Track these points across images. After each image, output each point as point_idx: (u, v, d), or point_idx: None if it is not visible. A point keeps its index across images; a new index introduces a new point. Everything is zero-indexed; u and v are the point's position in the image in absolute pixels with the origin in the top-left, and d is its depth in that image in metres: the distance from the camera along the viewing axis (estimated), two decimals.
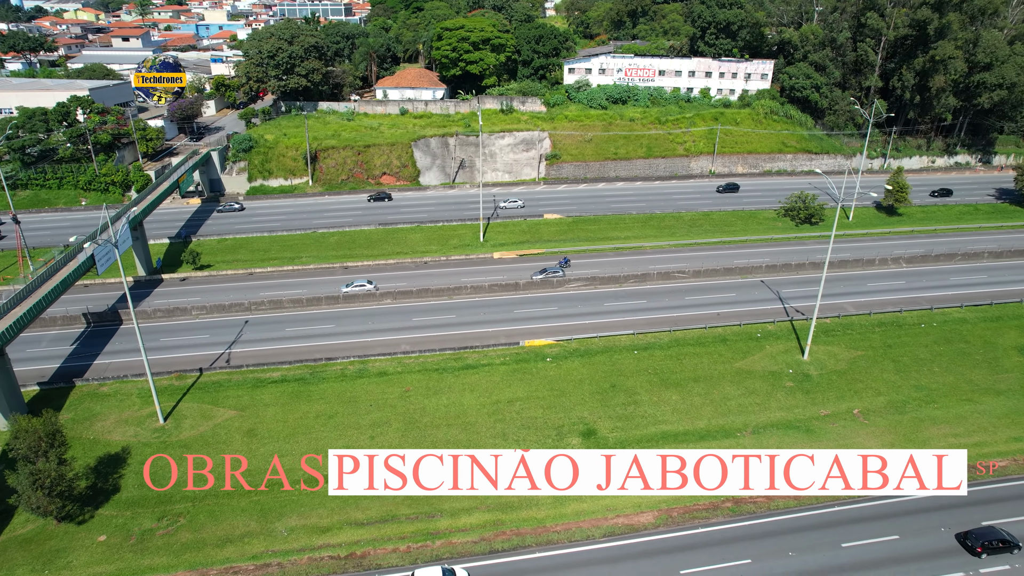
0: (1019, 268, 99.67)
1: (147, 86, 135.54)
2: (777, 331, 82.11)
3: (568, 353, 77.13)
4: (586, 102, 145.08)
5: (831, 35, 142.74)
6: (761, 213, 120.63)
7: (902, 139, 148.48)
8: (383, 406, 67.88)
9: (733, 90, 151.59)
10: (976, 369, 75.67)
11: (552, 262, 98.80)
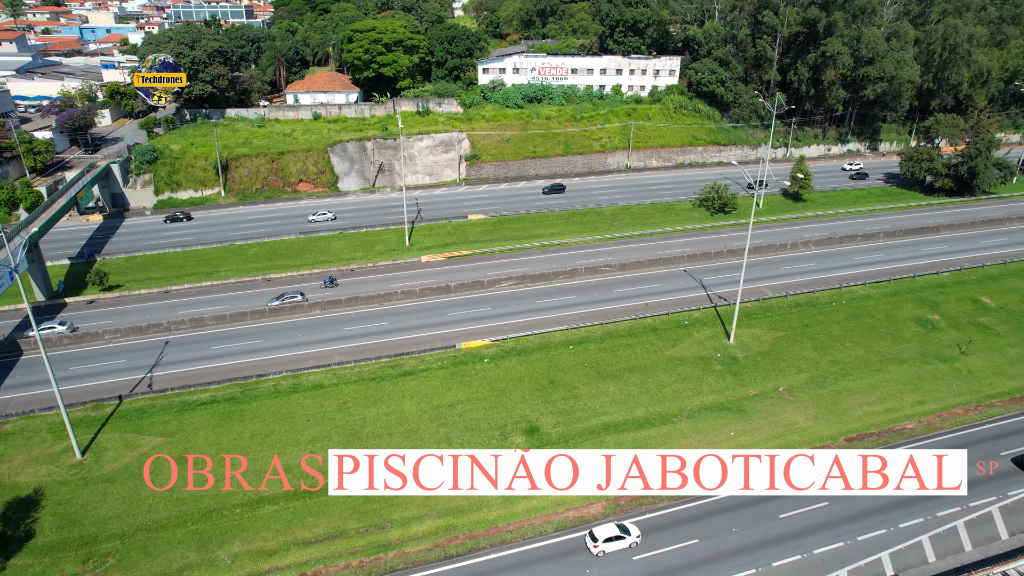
0: (910, 246, 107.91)
1: (147, 86, 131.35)
2: (703, 318, 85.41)
3: (505, 352, 77.44)
4: (502, 102, 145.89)
5: (732, 32, 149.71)
6: (678, 205, 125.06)
7: (801, 129, 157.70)
8: (321, 420, 65.99)
9: (643, 86, 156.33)
10: (882, 341, 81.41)
11: (473, 264, 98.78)
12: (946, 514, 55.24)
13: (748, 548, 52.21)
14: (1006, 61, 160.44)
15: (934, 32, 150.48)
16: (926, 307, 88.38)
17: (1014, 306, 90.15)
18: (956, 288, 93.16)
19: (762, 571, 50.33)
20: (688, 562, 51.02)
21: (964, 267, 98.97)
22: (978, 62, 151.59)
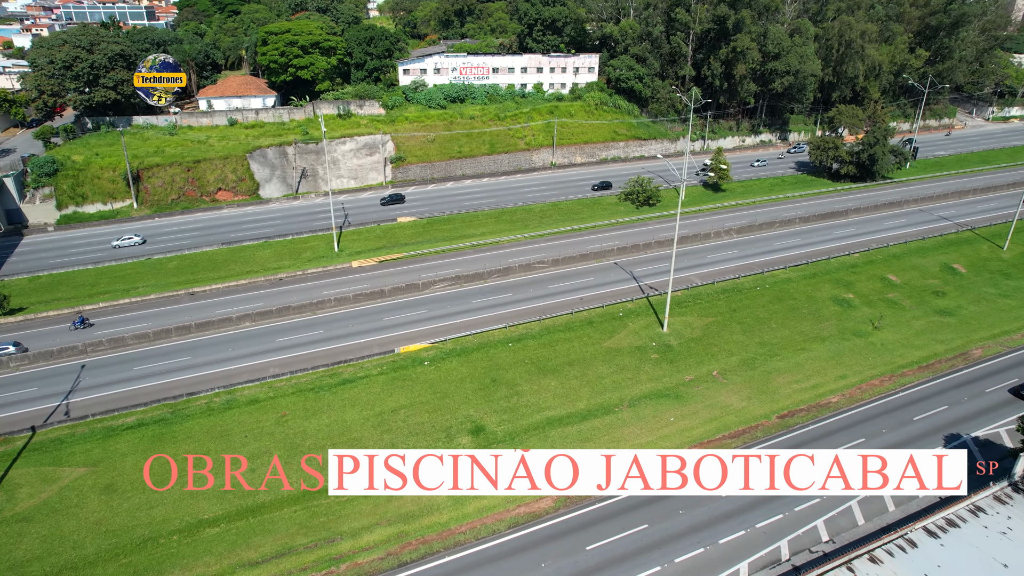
0: (824, 230, 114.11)
1: (147, 86, 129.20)
2: (636, 308, 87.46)
3: (445, 354, 76.93)
4: (425, 102, 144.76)
5: (647, 29, 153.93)
6: (604, 199, 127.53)
7: (716, 122, 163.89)
8: (260, 435, 63.64)
9: (564, 84, 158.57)
10: (804, 321, 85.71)
11: (406, 267, 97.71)
12: None
13: (696, 528, 54.00)
14: (894, 56, 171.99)
15: (831, 28, 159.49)
16: (841, 287, 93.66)
17: (916, 282, 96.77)
18: (866, 268, 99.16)
19: (709, 549, 52.13)
20: (639, 547, 52.19)
21: (871, 248, 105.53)
22: (870, 56, 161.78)
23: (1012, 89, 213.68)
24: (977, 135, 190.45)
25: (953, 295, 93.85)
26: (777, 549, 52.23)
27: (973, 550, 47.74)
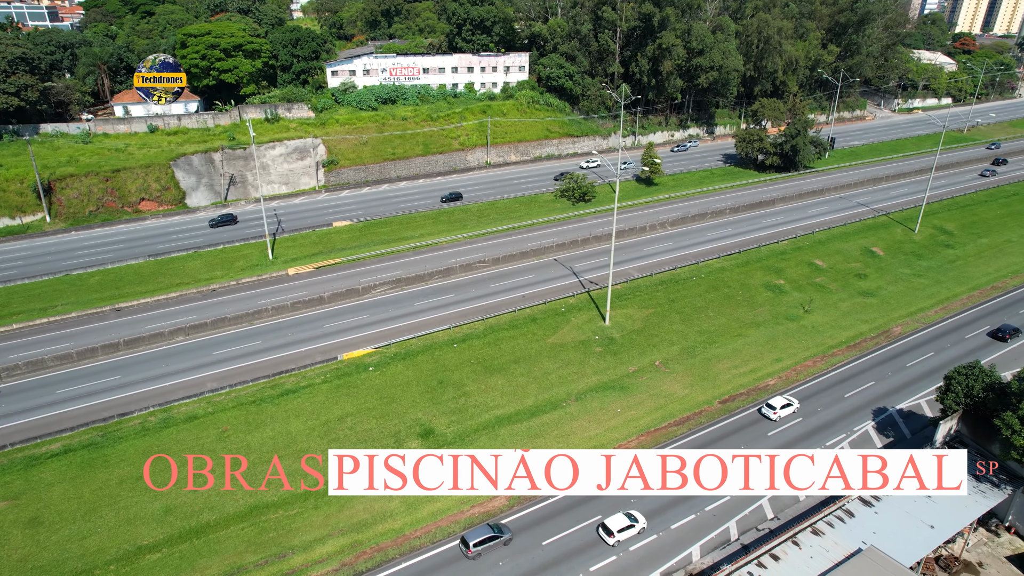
0: (753, 219, 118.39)
1: (147, 86, 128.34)
2: (578, 303, 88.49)
3: (389, 358, 75.86)
4: (355, 104, 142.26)
5: (575, 27, 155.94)
6: (540, 197, 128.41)
7: (646, 118, 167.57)
8: (200, 452, 61.10)
9: (496, 83, 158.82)
10: (739, 308, 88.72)
11: (345, 272, 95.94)
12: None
13: (648, 516, 55.07)
14: (808, 51, 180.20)
15: (750, 25, 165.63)
16: (772, 273, 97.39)
17: (840, 266, 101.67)
18: (794, 254, 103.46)
19: (661, 535, 53.30)
20: (595, 539, 52.85)
21: (798, 235, 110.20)
22: (787, 52, 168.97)
23: (914, 82, 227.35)
24: (885, 125, 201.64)
25: (874, 277, 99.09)
26: (726, 530, 53.90)
27: (903, 515, 50.62)
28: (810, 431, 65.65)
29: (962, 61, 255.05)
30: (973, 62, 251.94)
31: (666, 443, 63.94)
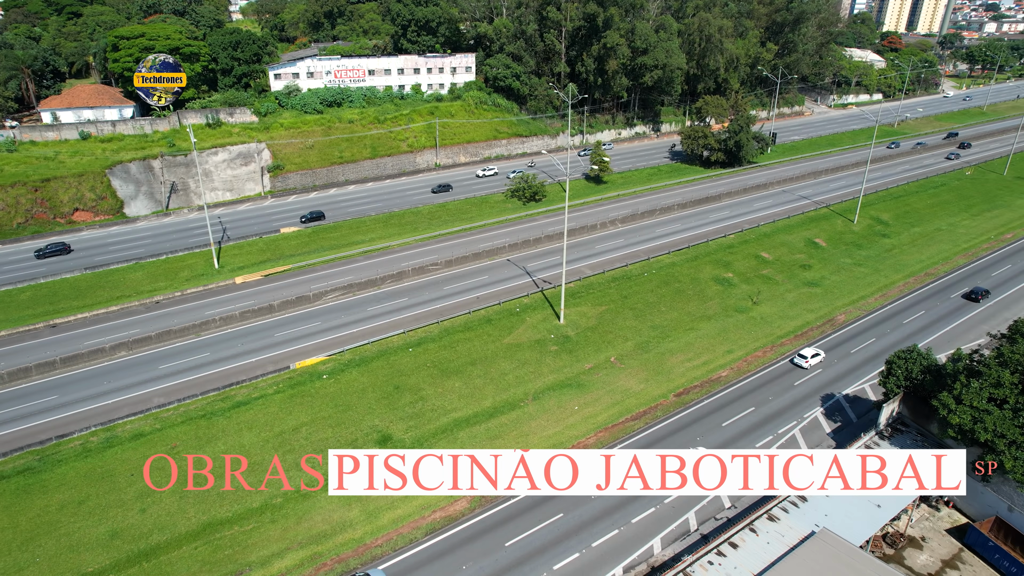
0: (701, 214, 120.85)
1: (147, 86, 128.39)
2: (532, 303, 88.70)
3: (344, 365, 74.60)
4: (300, 108, 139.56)
5: (521, 28, 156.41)
6: (491, 197, 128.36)
7: (593, 116, 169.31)
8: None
9: (443, 84, 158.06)
10: (690, 302, 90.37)
11: (295, 279, 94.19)
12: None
13: (608, 511, 55.54)
14: (748, 49, 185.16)
15: (692, 24, 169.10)
16: (721, 267, 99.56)
17: (786, 258, 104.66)
18: (741, 247, 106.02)
19: (623, 529, 53.81)
20: (557, 537, 53.01)
21: (744, 228, 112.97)
22: (728, 50, 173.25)
23: (847, 79, 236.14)
24: (823, 121, 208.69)
25: (817, 267, 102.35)
26: (686, 521, 54.77)
27: (852, 496, 52.30)
28: (763, 420, 67.32)
29: (890, 59, 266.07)
30: (900, 59, 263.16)
31: (624, 438, 64.62)
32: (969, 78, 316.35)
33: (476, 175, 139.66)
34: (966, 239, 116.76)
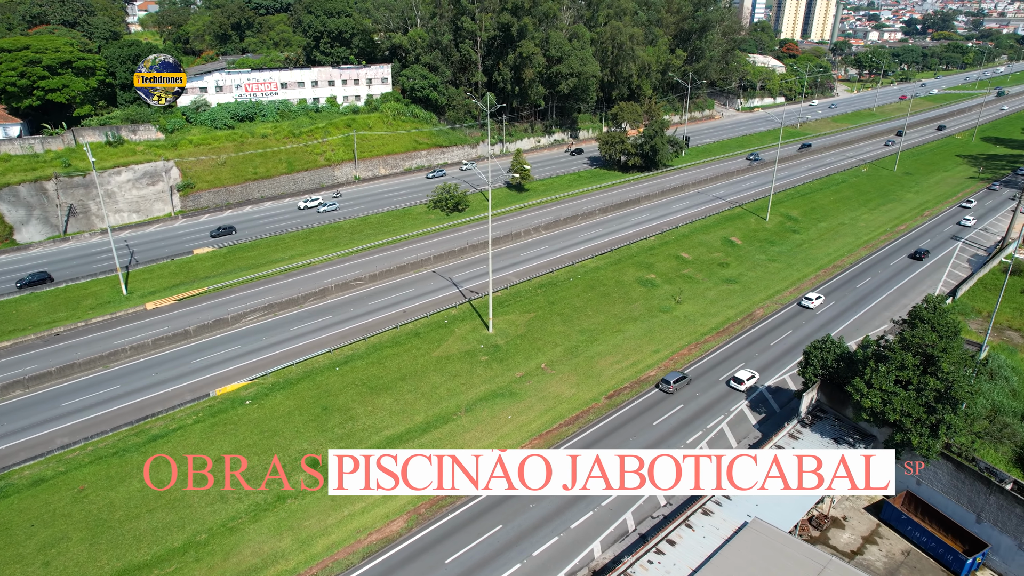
0: (622, 218, 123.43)
1: (147, 86, 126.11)
2: (460, 314, 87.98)
3: (267, 389, 71.60)
4: (210, 123, 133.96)
5: (436, 38, 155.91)
6: (414, 209, 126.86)
7: (512, 125, 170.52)
8: (52, 519, 54.41)
9: (359, 96, 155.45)
10: (616, 305, 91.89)
11: (211, 302, 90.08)
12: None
13: (547, 518, 55.39)
14: (659, 56, 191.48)
15: (604, 33, 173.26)
16: (643, 269, 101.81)
17: (704, 257, 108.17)
18: (662, 248, 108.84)
19: (563, 536, 53.77)
20: (497, 549, 52.40)
21: (664, 230, 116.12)
22: (640, 57, 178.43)
23: (752, 84, 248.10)
24: (732, 123, 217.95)
25: (734, 265, 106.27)
26: (624, 522, 55.27)
27: None
28: (693, 415, 69.01)
29: (789, 64, 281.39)
30: (798, 65, 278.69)
31: (558, 444, 64.79)
32: (859, 82, 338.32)
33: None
34: (866, 232, 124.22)
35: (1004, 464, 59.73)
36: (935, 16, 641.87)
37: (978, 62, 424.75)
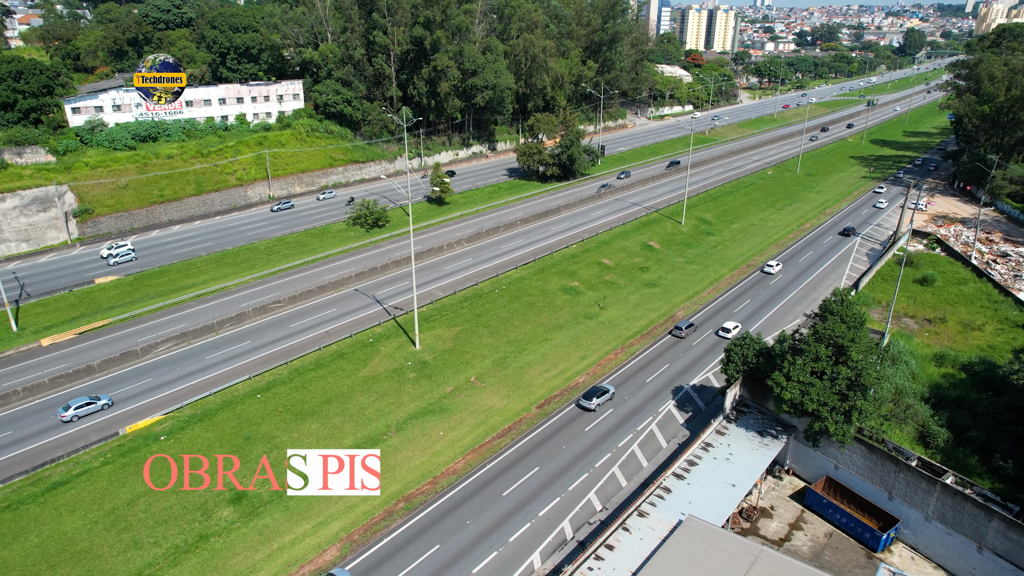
0: (543, 227, 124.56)
1: (147, 86, 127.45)
2: (385, 331, 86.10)
3: (184, 423, 67.59)
4: (108, 144, 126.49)
5: (348, 53, 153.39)
6: (332, 227, 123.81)
7: (429, 139, 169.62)
8: None
9: (270, 113, 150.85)
10: (542, 314, 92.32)
11: (117, 333, 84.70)
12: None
13: (485, 534, 54.56)
14: (571, 68, 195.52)
15: (517, 46, 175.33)
16: (567, 277, 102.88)
17: (625, 262, 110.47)
18: (584, 256, 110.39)
19: (502, 550, 53.09)
20: (435, 571, 51.14)
21: (585, 237, 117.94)
22: (553, 69, 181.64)
23: (661, 93, 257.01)
24: (644, 132, 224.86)
25: (654, 269, 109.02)
26: (562, 530, 55.13)
27: (709, 480, 55.53)
28: (622, 419, 69.86)
29: (695, 73, 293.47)
30: (704, 74, 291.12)
31: (492, 457, 64.12)
32: (760, 89, 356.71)
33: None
34: (775, 231, 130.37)
35: (909, 443, 63.51)
36: (822, 29, 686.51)
37: (862, 71, 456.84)
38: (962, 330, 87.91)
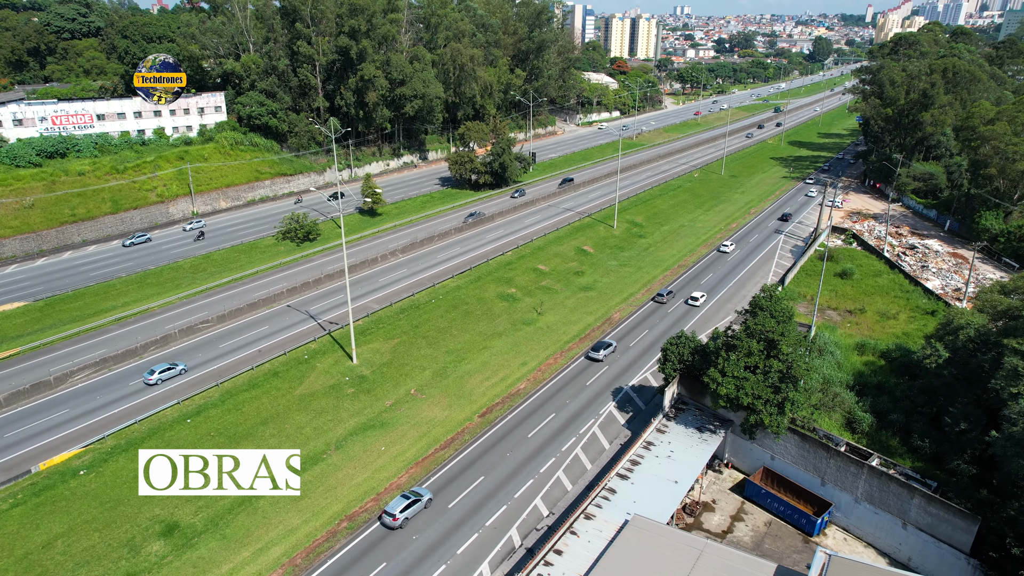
0: (478, 235, 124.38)
1: (147, 86, 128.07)
2: (320, 347, 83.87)
3: (106, 455, 63.77)
4: (9, 162, 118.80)
5: (272, 63, 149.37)
6: (261, 242, 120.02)
7: (359, 149, 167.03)
8: None
9: (190, 126, 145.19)
10: (480, 322, 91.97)
11: (26, 363, 79.40)
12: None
13: (433, 547, 53.61)
14: (500, 76, 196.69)
15: (445, 55, 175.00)
16: (503, 284, 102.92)
17: (560, 267, 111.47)
18: (519, 262, 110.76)
19: (450, 563, 52.28)
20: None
21: (520, 244, 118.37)
22: (482, 78, 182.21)
23: (589, 100, 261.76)
24: (574, 138, 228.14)
25: (589, 273, 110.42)
26: (510, 538, 54.77)
27: (652, 478, 56.37)
28: (564, 423, 70.21)
29: (621, 80, 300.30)
30: (629, 80, 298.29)
31: (436, 469, 63.25)
32: (683, 95, 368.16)
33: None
34: (704, 231, 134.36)
35: (837, 429, 66.25)
36: (739, 36, 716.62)
37: (777, 76, 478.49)
38: (879, 319, 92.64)
